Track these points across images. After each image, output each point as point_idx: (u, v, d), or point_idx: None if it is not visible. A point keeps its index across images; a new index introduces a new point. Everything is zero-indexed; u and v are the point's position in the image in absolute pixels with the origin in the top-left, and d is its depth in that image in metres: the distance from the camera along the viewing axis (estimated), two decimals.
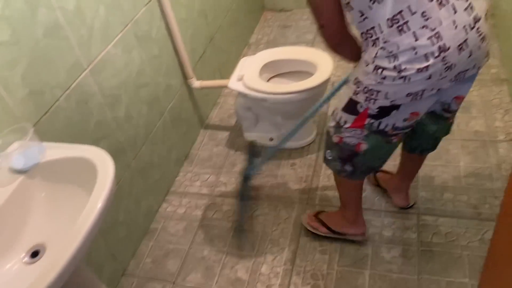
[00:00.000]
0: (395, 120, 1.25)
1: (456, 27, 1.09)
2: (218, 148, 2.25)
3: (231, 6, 2.66)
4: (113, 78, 1.59)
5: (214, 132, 2.36)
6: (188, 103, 2.21)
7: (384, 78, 1.15)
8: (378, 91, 1.19)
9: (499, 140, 1.96)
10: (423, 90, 1.16)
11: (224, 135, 2.32)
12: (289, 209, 1.86)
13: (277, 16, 3.22)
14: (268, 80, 2.11)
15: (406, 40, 1.09)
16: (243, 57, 2.83)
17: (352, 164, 1.43)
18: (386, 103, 1.20)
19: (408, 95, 1.17)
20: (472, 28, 1.11)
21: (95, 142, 1.51)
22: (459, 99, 1.33)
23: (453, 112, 1.40)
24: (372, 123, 1.27)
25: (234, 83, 2.00)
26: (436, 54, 1.09)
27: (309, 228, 1.75)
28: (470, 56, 1.14)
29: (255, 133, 2.18)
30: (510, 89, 2.17)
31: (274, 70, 2.10)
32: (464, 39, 1.10)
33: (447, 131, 1.50)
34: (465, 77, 1.20)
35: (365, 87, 1.21)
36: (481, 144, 1.95)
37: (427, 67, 1.10)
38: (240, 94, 2.03)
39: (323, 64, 1.93)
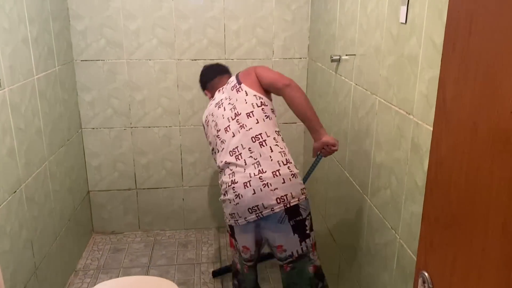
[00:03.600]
0: (239, 249, 1.92)
1: (244, 171, 1.78)
2: None
3: (60, 231, 2.46)
4: None
5: None
6: None
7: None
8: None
9: None
10: (233, 214, 1.80)
11: None
12: None
13: (107, 239, 3.08)
14: None
15: (221, 174, 1.89)
16: (68, 286, 2.54)
17: (237, 280, 2.02)
18: (226, 220, 1.90)
19: (230, 215, 1.83)
20: (255, 175, 1.76)
21: None
22: (279, 248, 1.83)
23: (283, 260, 1.85)
24: (236, 245, 1.93)
25: None
26: (229, 184, 1.80)
27: None
28: (254, 194, 1.74)
29: None
30: None
31: None
32: (248, 180, 1.76)
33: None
34: (263, 215, 1.76)
35: None
36: None
37: (225, 192, 1.83)
38: None
39: None
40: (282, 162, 1.79)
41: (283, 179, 1.76)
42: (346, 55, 2.07)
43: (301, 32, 2.87)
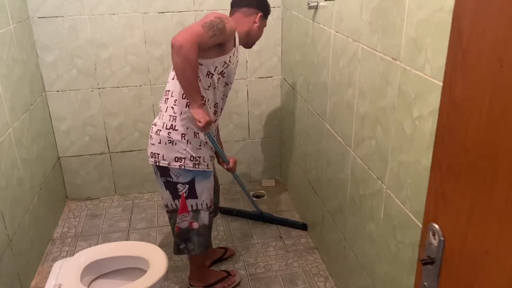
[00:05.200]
0: None
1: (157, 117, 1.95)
2: None
3: (32, 201, 2.35)
4: None
5: None
6: None
7: None
8: None
9: None
10: None
11: None
12: None
13: (83, 206, 2.98)
14: (89, 284, 1.82)
15: None
16: (46, 256, 2.46)
17: None
18: None
19: None
20: (153, 125, 1.91)
21: None
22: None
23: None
24: None
25: None
26: None
27: None
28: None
29: None
30: (322, 255, 2.40)
31: (97, 271, 1.84)
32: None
33: None
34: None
35: None
36: None
37: None
38: None
39: (155, 258, 1.79)
40: (166, 126, 1.85)
41: (160, 140, 1.86)
42: (325, 0, 1.96)
43: None
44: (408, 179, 1.38)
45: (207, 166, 1.91)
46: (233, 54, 1.87)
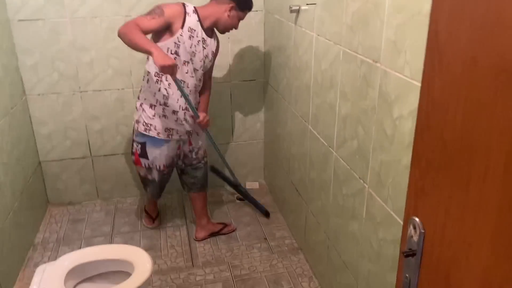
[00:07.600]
0: None
1: None
2: None
3: (12, 206, 2.32)
4: None
5: None
6: None
7: None
8: None
9: None
10: None
11: None
12: None
13: (65, 210, 2.95)
14: None
15: None
16: (27, 261, 2.43)
17: None
18: None
19: None
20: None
21: None
22: None
23: None
24: None
25: None
26: None
27: None
28: None
29: None
30: (306, 255, 2.43)
31: (81, 275, 1.82)
32: None
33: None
34: None
35: None
36: None
37: None
38: None
39: (140, 261, 1.79)
40: (138, 96, 2.33)
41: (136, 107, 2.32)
42: (307, 4, 2.00)
43: None
44: (389, 178, 1.42)
45: (158, 134, 2.24)
46: (181, 35, 2.12)
